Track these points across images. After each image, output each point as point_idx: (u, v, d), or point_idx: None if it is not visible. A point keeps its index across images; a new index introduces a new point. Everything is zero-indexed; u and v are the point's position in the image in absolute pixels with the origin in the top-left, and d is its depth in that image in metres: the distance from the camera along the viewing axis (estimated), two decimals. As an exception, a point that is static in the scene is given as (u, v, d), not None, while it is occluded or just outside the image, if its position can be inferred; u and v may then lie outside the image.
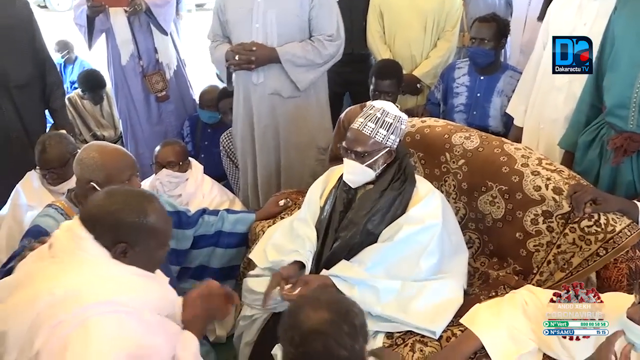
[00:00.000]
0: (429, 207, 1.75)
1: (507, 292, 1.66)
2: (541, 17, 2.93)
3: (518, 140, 2.40)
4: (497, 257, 1.92)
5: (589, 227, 1.68)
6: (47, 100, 2.94)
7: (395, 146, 1.78)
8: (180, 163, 2.55)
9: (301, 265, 1.78)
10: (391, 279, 1.69)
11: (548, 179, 1.80)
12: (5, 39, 2.64)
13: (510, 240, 1.85)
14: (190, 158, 2.66)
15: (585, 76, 2.04)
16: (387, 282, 1.68)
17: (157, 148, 2.57)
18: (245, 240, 2.20)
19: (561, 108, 2.26)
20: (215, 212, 2.19)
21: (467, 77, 2.80)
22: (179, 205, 2.19)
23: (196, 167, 2.64)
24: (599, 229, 1.66)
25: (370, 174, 1.78)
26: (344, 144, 1.79)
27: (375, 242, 1.75)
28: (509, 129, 2.65)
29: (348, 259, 1.75)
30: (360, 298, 1.61)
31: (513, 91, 2.62)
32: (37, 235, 1.65)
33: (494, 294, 1.79)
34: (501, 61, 2.84)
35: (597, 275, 1.71)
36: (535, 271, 1.79)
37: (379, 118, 1.74)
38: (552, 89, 2.29)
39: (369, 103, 1.79)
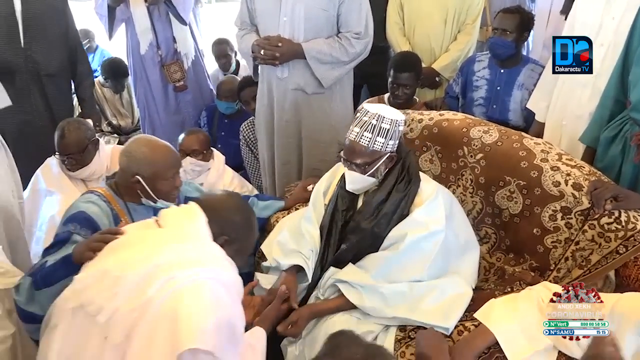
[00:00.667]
0: (433, 212, 1.71)
1: (522, 289, 1.63)
2: (564, 11, 2.88)
3: (539, 135, 2.36)
4: (514, 253, 1.89)
5: (609, 224, 1.64)
6: (76, 89, 2.99)
7: (395, 149, 1.74)
8: (204, 152, 2.57)
9: (300, 267, 1.81)
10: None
11: (568, 174, 1.76)
12: (40, 27, 2.68)
13: (528, 236, 1.82)
14: (212, 148, 2.67)
15: (611, 71, 1.99)
16: (394, 286, 1.67)
17: (182, 136, 2.59)
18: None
19: (585, 104, 2.21)
20: (246, 198, 2.19)
21: (487, 70, 2.75)
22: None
23: (218, 157, 2.67)
24: (619, 226, 1.62)
25: (373, 182, 1.76)
26: (342, 154, 1.75)
27: (382, 242, 1.74)
28: (530, 123, 2.61)
29: (354, 262, 1.76)
30: (370, 304, 1.65)
31: (534, 85, 2.57)
32: (83, 222, 1.66)
33: (509, 289, 1.77)
34: (522, 54, 2.79)
35: (616, 273, 1.67)
36: (552, 268, 1.76)
37: (374, 125, 1.67)
38: (576, 85, 2.24)
39: (363, 108, 1.72)
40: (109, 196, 1.77)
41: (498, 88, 2.72)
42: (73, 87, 3.01)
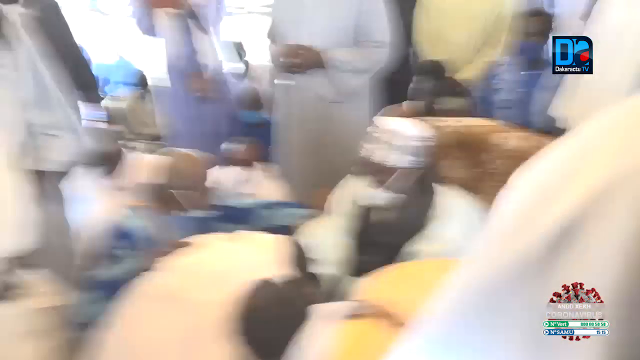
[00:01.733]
0: (450, 227, 1.71)
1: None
2: (584, 16, 2.86)
3: (561, 142, 2.34)
4: (535, 259, 1.88)
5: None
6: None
7: (410, 163, 1.71)
8: (253, 163, 2.62)
9: None
10: None
11: (590, 179, 1.75)
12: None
13: (549, 241, 1.81)
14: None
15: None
16: None
17: (231, 145, 2.65)
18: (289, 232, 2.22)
19: (608, 109, 2.19)
20: (269, 206, 2.22)
21: (509, 73, 2.74)
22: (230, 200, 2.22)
23: (262, 169, 2.71)
24: None
25: (388, 196, 1.75)
26: (355, 169, 1.76)
27: (397, 256, 1.73)
28: (552, 127, 2.59)
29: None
30: None
31: (557, 88, 2.55)
32: (123, 237, 1.71)
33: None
34: (544, 58, 2.79)
35: None
36: (575, 273, 1.74)
37: (387, 142, 1.65)
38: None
39: (374, 124, 1.72)
40: (142, 209, 1.82)
41: (520, 91, 2.71)
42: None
